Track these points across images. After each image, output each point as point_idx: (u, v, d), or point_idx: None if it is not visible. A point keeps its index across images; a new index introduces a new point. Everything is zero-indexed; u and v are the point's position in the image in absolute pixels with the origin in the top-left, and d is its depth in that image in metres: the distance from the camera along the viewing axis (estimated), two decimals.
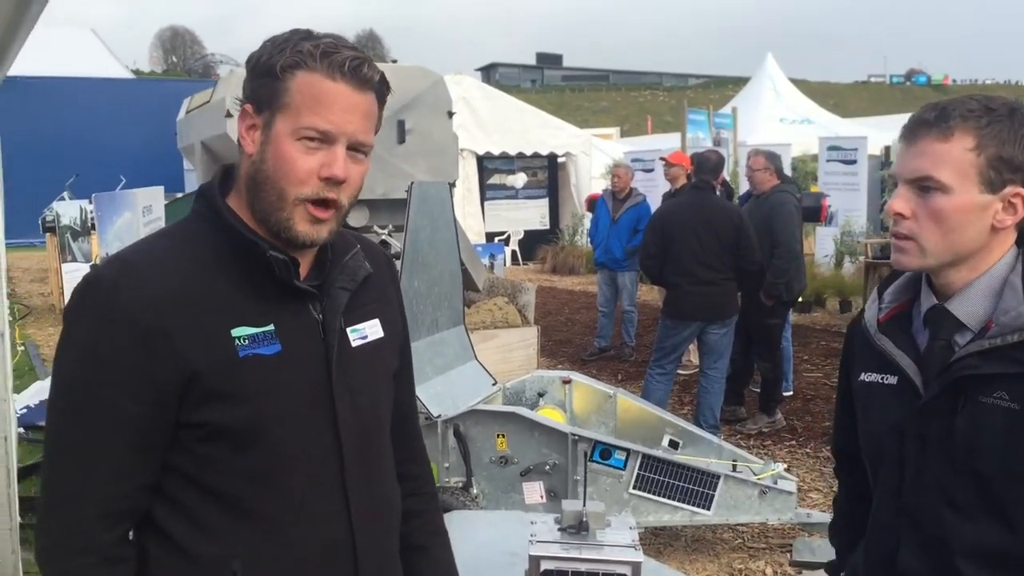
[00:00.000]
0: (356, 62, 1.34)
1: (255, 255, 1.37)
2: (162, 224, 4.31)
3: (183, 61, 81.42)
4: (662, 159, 8.73)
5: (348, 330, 1.46)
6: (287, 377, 1.37)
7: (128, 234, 3.15)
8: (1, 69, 4.32)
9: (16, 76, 22.84)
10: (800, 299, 7.18)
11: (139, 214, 3.49)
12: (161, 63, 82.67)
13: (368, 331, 1.51)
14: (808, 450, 6.34)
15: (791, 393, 7.53)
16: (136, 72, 46.01)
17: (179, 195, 10.01)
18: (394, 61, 7.06)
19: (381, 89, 1.40)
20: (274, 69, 1.33)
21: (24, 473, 3.42)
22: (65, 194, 17.34)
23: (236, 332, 1.33)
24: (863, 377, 1.67)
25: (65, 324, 1.35)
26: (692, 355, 7.83)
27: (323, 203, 1.36)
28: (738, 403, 6.96)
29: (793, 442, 6.53)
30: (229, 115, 5.58)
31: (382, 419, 1.53)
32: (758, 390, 6.95)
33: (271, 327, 1.36)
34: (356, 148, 1.37)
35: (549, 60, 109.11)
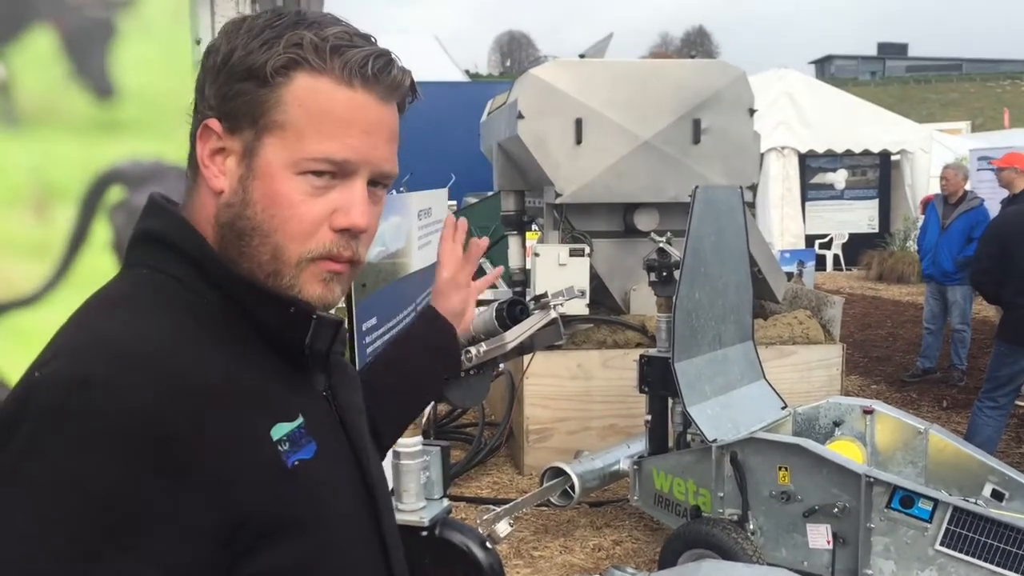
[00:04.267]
0: (382, 60, 0.96)
1: (275, 319, 0.99)
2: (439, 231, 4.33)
3: (517, 63, 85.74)
4: (990, 162, 7.69)
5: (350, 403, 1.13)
6: (330, 482, 1.01)
7: (395, 239, 3.18)
8: None
9: None
10: None
11: (413, 217, 3.52)
12: (498, 66, 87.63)
13: (360, 401, 1.19)
14: None
15: None
16: (473, 76, 49.01)
17: (488, 195, 10.31)
18: (692, 56, 6.72)
19: (405, 99, 1.03)
20: (260, 71, 0.93)
21: None
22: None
23: (275, 433, 0.94)
24: None
25: (10, 460, 0.82)
26: None
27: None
28: None
29: None
30: (521, 116, 5.57)
31: (391, 504, 1.21)
32: None
33: (301, 418, 0.98)
34: (377, 182, 1.01)
35: (892, 50, 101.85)
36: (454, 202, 12.40)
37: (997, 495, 4.14)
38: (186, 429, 0.85)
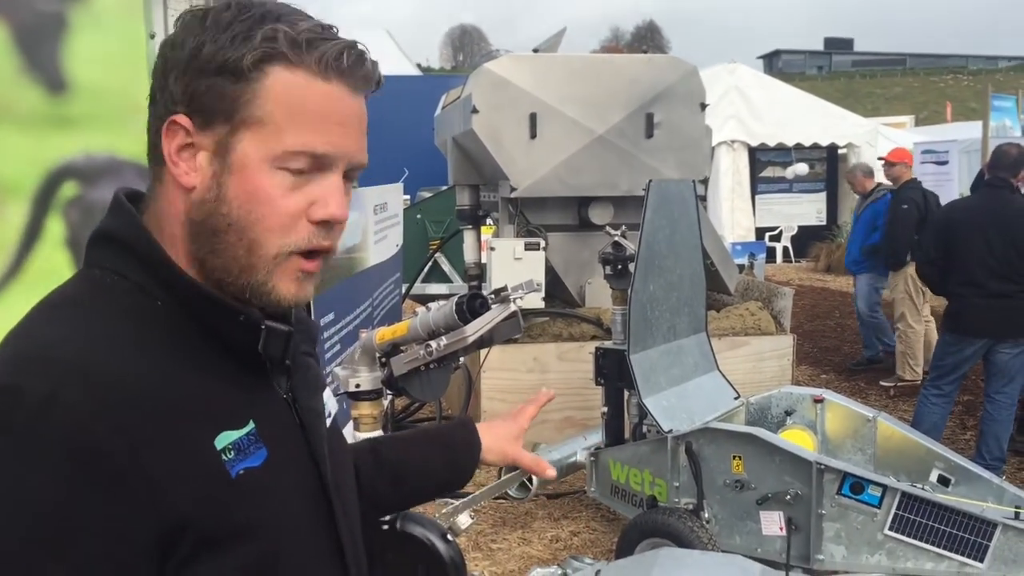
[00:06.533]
0: (355, 53, 0.96)
1: (225, 326, 0.98)
2: (399, 225, 4.33)
3: (469, 57, 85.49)
4: (880, 158, 8.22)
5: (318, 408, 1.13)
6: (280, 491, 0.99)
7: (351, 234, 3.17)
8: None
9: None
10: None
11: (369, 213, 3.51)
12: (450, 60, 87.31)
13: (330, 405, 1.18)
14: None
15: None
16: (425, 69, 48.77)
17: (442, 188, 10.29)
18: (644, 51, 6.77)
19: (373, 91, 1.03)
20: (235, 66, 0.92)
21: None
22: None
23: (220, 442, 0.93)
24: None
25: None
26: None
27: (313, 254, 0.98)
28: None
29: None
30: (475, 111, 5.58)
31: (358, 510, 1.21)
32: None
33: (251, 425, 0.97)
34: (350, 174, 1.00)
35: (838, 44, 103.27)
36: (408, 196, 12.36)
37: (943, 480, 4.25)
38: (119, 442, 0.85)
